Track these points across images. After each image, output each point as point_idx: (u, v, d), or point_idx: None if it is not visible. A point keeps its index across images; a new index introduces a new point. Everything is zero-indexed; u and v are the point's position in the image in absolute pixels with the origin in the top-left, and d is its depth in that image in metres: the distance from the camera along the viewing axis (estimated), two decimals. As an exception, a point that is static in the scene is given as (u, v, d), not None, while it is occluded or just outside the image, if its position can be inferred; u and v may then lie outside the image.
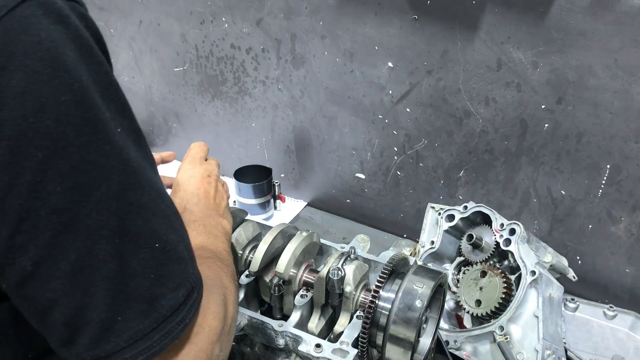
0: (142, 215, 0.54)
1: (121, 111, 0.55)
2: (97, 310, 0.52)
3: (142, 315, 0.54)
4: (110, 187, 0.51)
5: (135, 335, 0.54)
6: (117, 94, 0.56)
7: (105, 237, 0.51)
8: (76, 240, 0.50)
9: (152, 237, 0.55)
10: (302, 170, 2.03)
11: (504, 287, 1.28)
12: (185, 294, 0.58)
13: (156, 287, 0.55)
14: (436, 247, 1.45)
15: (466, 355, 1.30)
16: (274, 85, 1.89)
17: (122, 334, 0.53)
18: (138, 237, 0.54)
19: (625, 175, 1.44)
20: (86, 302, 0.51)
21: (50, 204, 0.48)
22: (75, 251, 0.50)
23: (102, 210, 0.51)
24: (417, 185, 1.80)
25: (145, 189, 0.55)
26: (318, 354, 0.93)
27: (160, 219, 0.57)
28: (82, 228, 0.50)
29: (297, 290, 1.07)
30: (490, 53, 1.47)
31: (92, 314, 0.52)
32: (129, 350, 0.54)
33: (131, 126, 0.57)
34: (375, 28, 1.60)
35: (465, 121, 1.60)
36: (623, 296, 1.58)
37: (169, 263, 0.57)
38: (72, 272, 0.50)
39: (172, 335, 0.56)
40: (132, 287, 0.53)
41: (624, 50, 1.31)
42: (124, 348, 0.53)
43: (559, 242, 1.62)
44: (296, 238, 1.08)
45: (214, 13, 1.87)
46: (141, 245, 0.54)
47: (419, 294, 0.95)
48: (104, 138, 0.51)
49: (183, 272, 0.58)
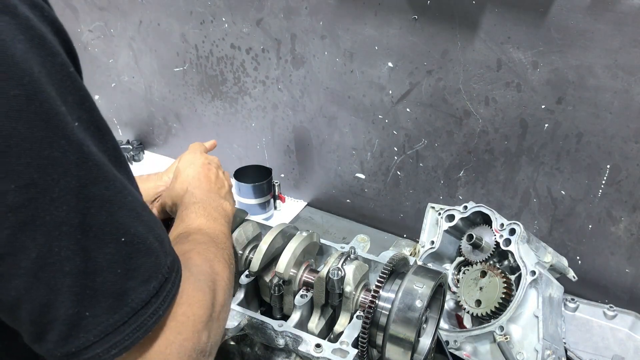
0: (105, 209, 0.53)
1: (79, 104, 0.53)
2: (63, 308, 0.51)
3: (110, 311, 0.53)
4: (69, 183, 0.50)
5: (105, 330, 0.53)
6: (75, 86, 0.53)
7: (66, 233, 0.50)
8: (35, 238, 0.49)
9: (118, 231, 0.54)
10: (302, 170, 2.03)
11: (504, 287, 1.28)
12: (157, 286, 0.57)
13: (124, 282, 0.54)
14: (436, 247, 1.45)
15: (466, 355, 1.30)
16: (274, 85, 1.89)
17: (91, 330, 0.53)
18: (102, 232, 0.52)
19: (625, 175, 1.44)
20: (51, 299, 0.51)
21: (6, 202, 0.47)
22: (35, 249, 0.49)
23: (62, 207, 0.49)
24: (417, 185, 1.80)
25: (108, 182, 0.54)
26: (318, 354, 0.93)
27: (126, 211, 0.55)
28: (41, 225, 0.49)
29: (297, 290, 1.07)
30: (490, 53, 1.47)
31: (58, 311, 0.51)
32: (99, 345, 0.53)
33: (91, 119, 0.55)
34: (375, 28, 1.60)
35: (465, 121, 1.60)
36: (623, 296, 1.58)
37: (137, 256, 0.55)
38: (33, 270, 0.49)
39: (145, 328, 0.56)
40: (99, 282, 0.52)
41: (624, 50, 1.31)
42: (94, 343, 0.53)
43: (559, 242, 1.62)
44: (296, 238, 1.08)
45: (214, 13, 1.87)
46: (106, 240, 0.53)
47: (419, 294, 0.95)
48: (59, 133, 0.49)
49: (154, 264, 0.57)
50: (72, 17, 2.19)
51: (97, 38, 2.20)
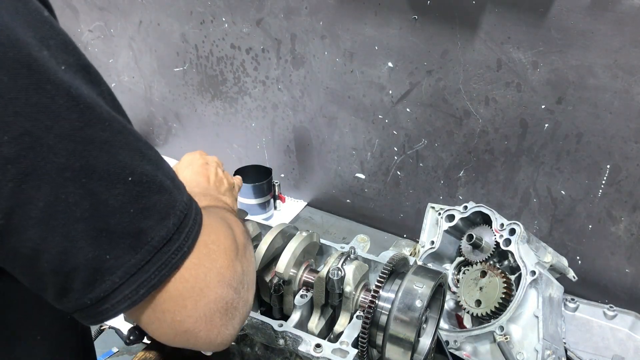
0: (105, 151, 0.52)
1: (63, 48, 0.52)
2: (81, 253, 0.51)
3: (131, 250, 0.53)
4: (62, 127, 0.49)
5: (129, 270, 0.53)
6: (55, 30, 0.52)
7: (70, 179, 0.49)
8: (40, 187, 0.48)
9: (123, 171, 0.53)
10: (302, 170, 2.03)
11: (504, 287, 1.28)
12: (177, 223, 0.56)
13: (140, 221, 0.53)
14: (436, 247, 1.45)
15: (466, 355, 1.30)
16: (274, 85, 1.89)
17: (115, 272, 0.52)
18: (107, 173, 0.51)
19: (625, 175, 1.44)
20: (68, 246, 0.50)
21: (2, 155, 0.46)
22: (42, 198, 0.48)
23: (60, 152, 0.49)
24: (417, 185, 1.80)
25: (104, 123, 0.52)
26: (318, 354, 0.93)
27: (128, 152, 0.54)
28: (43, 174, 0.48)
29: (297, 290, 1.07)
30: (490, 53, 1.47)
31: (78, 257, 0.51)
32: (126, 286, 0.53)
33: (78, 62, 0.53)
34: (375, 28, 1.60)
35: (465, 121, 1.60)
36: (623, 296, 1.58)
37: (149, 194, 0.54)
38: (44, 219, 0.49)
39: (170, 265, 0.55)
40: (113, 224, 0.52)
41: (624, 50, 1.31)
42: (121, 285, 0.53)
43: (559, 242, 1.62)
44: (296, 238, 1.08)
45: (214, 13, 1.87)
46: (112, 181, 0.52)
47: (419, 294, 0.95)
48: (43, 78, 0.48)
49: (168, 201, 0.56)
50: (72, 17, 2.19)
51: (97, 38, 2.20)
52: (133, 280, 0.53)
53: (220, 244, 0.62)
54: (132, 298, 0.54)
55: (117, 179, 0.52)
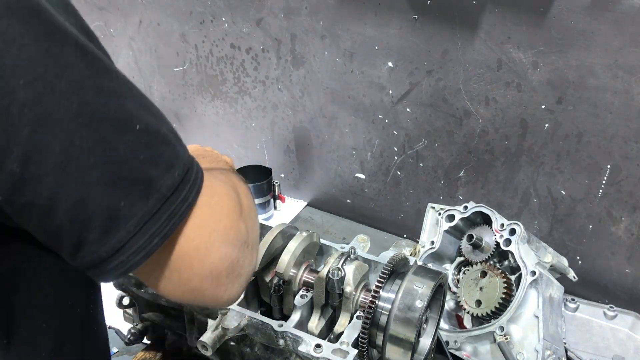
0: (114, 99, 0.53)
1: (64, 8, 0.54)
2: (97, 200, 0.52)
3: (143, 198, 0.54)
4: (73, 75, 0.50)
5: (142, 219, 0.54)
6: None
7: (83, 125, 0.51)
8: (55, 133, 0.49)
9: (131, 121, 0.54)
10: (302, 170, 2.03)
11: (504, 287, 1.28)
12: (182, 174, 0.57)
13: (149, 169, 0.55)
14: (436, 247, 1.45)
15: (466, 355, 1.30)
16: (274, 85, 1.89)
17: (129, 220, 0.53)
18: (117, 121, 0.53)
19: (626, 175, 1.44)
20: (83, 194, 0.51)
21: (19, 99, 0.48)
22: (57, 143, 0.49)
23: (72, 99, 0.50)
24: (417, 185, 1.80)
25: (111, 74, 0.54)
26: (318, 354, 0.93)
27: (135, 103, 0.55)
28: (57, 119, 0.49)
29: (297, 290, 1.07)
30: (490, 53, 1.47)
31: (94, 204, 0.52)
32: (140, 235, 0.54)
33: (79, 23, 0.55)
34: (375, 28, 1.60)
35: (465, 121, 1.60)
36: (623, 296, 1.58)
37: (155, 144, 0.56)
38: (60, 165, 0.50)
39: (179, 215, 0.57)
40: (125, 170, 0.53)
41: (624, 50, 1.30)
42: (135, 234, 0.54)
43: (559, 242, 1.62)
44: (296, 238, 1.07)
45: (214, 13, 1.87)
46: (122, 129, 0.53)
47: (419, 294, 0.95)
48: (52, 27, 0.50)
49: (173, 152, 0.58)
50: (72, 17, 2.19)
51: (97, 38, 2.20)
52: (146, 229, 0.54)
53: (223, 204, 0.63)
54: (146, 249, 0.55)
55: (126, 127, 0.53)
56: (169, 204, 0.56)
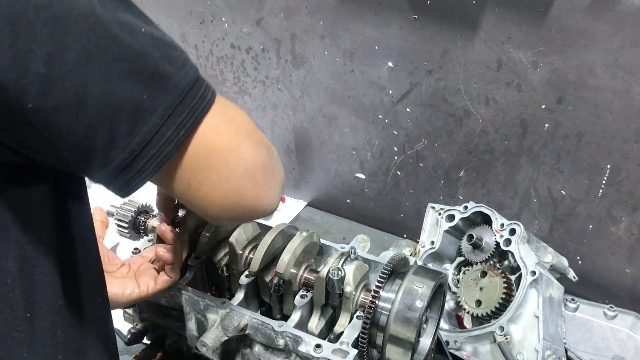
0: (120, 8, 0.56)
1: None
2: (121, 92, 0.54)
3: (163, 91, 0.57)
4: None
5: (167, 110, 0.57)
6: None
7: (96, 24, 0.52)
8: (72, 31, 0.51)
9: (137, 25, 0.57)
10: (302, 170, 2.03)
11: (504, 287, 1.28)
12: (195, 75, 0.60)
13: (163, 65, 0.57)
14: (436, 247, 1.45)
15: (466, 355, 1.30)
16: (274, 85, 1.89)
17: (153, 112, 0.56)
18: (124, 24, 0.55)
19: (626, 175, 1.44)
20: (108, 87, 0.54)
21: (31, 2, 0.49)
22: (75, 42, 0.51)
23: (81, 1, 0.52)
24: (417, 185, 1.80)
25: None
26: (318, 354, 0.93)
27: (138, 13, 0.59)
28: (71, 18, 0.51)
29: (297, 290, 1.07)
30: (491, 53, 1.47)
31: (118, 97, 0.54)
32: (168, 127, 0.57)
33: None
34: (375, 28, 1.60)
35: (465, 121, 1.60)
36: (623, 296, 1.58)
37: (165, 46, 0.58)
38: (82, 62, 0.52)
39: (201, 109, 0.60)
40: (142, 65, 0.55)
41: (624, 50, 1.30)
42: (162, 125, 0.56)
43: (559, 242, 1.62)
44: (296, 238, 1.08)
45: (214, 13, 1.87)
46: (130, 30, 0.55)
47: (419, 294, 0.95)
48: None
49: (182, 55, 0.60)
50: (72, 17, 2.19)
51: (97, 38, 2.20)
52: (172, 121, 0.57)
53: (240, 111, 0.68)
54: (175, 139, 0.58)
55: (134, 30, 0.56)
56: (189, 99, 0.58)
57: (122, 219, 1.21)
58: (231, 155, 0.63)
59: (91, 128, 0.54)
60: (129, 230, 1.21)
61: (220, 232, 1.13)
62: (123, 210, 1.21)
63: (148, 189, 0.68)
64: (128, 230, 1.21)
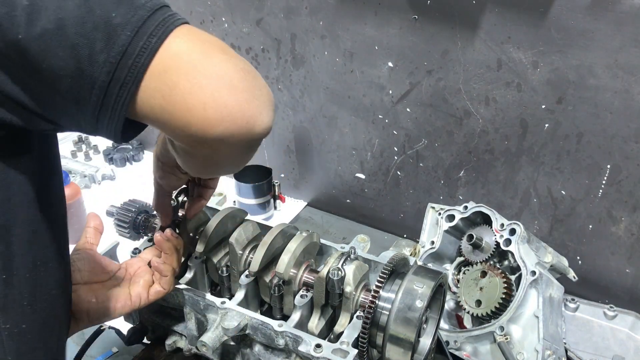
0: None
1: None
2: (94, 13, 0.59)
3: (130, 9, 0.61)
4: None
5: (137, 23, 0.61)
6: None
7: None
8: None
9: None
10: (302, 170, 2.03)
11: (504, 287, 1.28)
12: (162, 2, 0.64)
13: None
14: (436, 247, 1.45)
15: (466, 355, 1.30)
16: (274, 85, 1.89)
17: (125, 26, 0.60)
18: None
19: (626, 175, 1.44)
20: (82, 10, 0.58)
21: None
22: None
23: None
24: (417, 185, 1.80)
25: None
26: (318, 354, 0.93)
27: None
28: None
29: (297, 290, 1.07)
30: (491, 53, 1.47)
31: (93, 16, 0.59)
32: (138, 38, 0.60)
33: None
34: (375, 28, 1.60)
35: (465, 121, 1.60)
36: (623, 296, 1.58)
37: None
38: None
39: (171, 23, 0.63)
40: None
41: (624, 50, 1.30)
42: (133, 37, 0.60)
43: (559, 242, 1.62)
44: (296, 238, 1.08)
45: (214, 13, 1.87)
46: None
47: (419, 294, 0.95)
48: None
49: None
50: (72, 17, 2.19)
51: (97, 38, 2.20)
52: (142, 32, 0.61)
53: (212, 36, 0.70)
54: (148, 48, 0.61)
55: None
56: (158, 15, 0.62)
57: (122, 219, 1.20)
58: (201, 56, 0.64)
59: (73, 49, 0.59)
60: (129, 230, 1.21)
61: (220, 232, 1.13)
62: (123, 210, 1.21)
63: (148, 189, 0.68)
64: (128, 230, 1.21)
